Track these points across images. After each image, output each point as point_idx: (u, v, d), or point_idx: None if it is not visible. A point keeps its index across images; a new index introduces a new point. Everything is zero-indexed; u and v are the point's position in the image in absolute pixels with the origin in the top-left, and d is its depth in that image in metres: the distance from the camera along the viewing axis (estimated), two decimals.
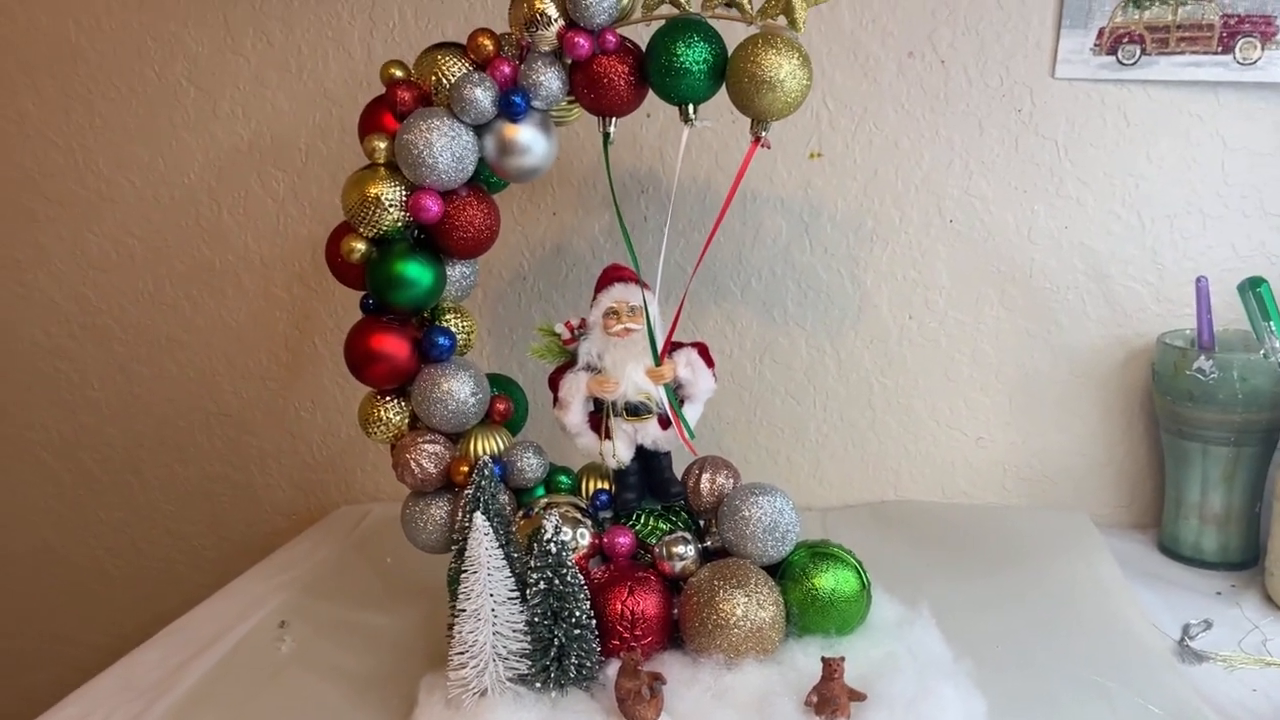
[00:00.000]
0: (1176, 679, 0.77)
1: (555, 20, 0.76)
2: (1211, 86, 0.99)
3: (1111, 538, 1.03)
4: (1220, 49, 0.97)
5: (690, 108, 0.78)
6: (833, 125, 1.07)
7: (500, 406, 0.87)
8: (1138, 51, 0.98)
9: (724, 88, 0.77)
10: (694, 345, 0.83)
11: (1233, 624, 0.87)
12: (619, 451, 0.81)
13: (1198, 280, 0.95)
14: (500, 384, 0.90)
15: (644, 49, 0.78)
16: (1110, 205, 1.04)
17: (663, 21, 0.77)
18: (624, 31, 0.78)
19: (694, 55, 0.75)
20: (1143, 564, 0.99)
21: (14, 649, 1.42)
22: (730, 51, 0.76)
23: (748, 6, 0.75)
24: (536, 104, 0.78)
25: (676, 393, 0.82)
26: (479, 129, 0.79)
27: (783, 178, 1.09)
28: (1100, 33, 0.99)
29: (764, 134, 0.78)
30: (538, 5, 0.76)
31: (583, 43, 0.76)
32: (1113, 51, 0.99)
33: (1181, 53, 0.98)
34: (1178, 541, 1.00)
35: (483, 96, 0.77)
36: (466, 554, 0.71)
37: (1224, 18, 0.96)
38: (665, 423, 0.81)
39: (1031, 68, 1.02)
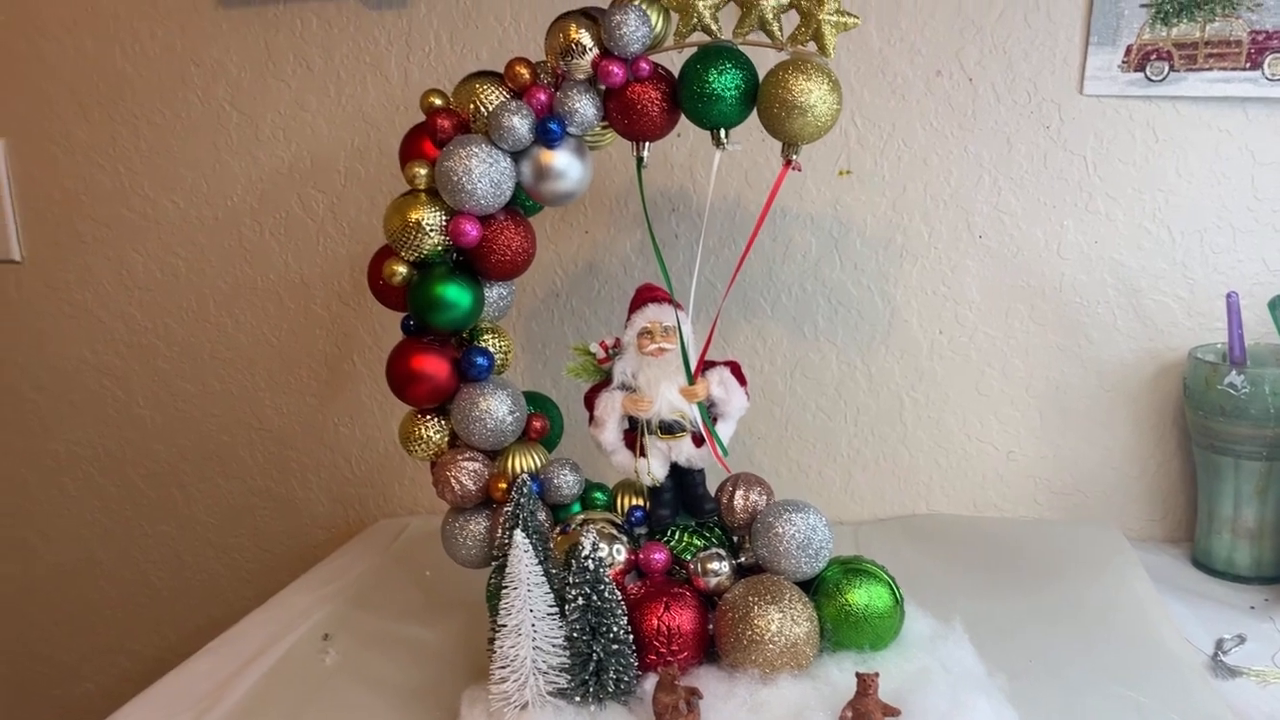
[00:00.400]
0: (1209, 694, 0.77)
1: (590, 49, 0.78)
2: (1240, 102, 0.99)
3: (1144, 551, 1.03)
4: (1249, 65, 0.97)
5: (722, 132, 0.80)
6: (861, 143, 1.08)
7: (537, 424, 0.89)
8: (1166, 68, 0.99)
9: (755, 112, 0.79)
10: (726, 364, 0.84)
11: (1266, 639, 0.87)
12: (654, 469, 0.83)
13: (1228, 295, 0.95)
14: (536, 402, 0.92)
15: (676, 75, 0.80)
16: (1140, 220, 1.04)
17: (695, 49, 0.79)
18: (656, 58, 0.80)
19: (726, 81, 0.77)
20: (1176, 578, 0.99)
21: (63, 660, 1.45)
22: (761, 77, 0.78)
23: (778, 33, 0.77)
24: (572, 130, 0.80)
25: (710, 411, 0.83)
26: (516, 155, 0.81)
27: (812, 195, 1.10)
28: (1128, 50, 1.00)
29: (795, 157, 0.79)
30: (573, 35, 0.78)
31: (617, 71, 0.78)
32: (1141, 68, 1.00)
33: (1210, 69, 0.98)
34: (1211, 555, 1.00)
35: (520, 124, 0.79)
36: (507, 571, 0.73)
37: (1252, 34, 0.97)
38: (699, 440, 0.83)
39: (1059, 84, 1.03)
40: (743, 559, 0.82)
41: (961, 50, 1.04)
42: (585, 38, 0.78)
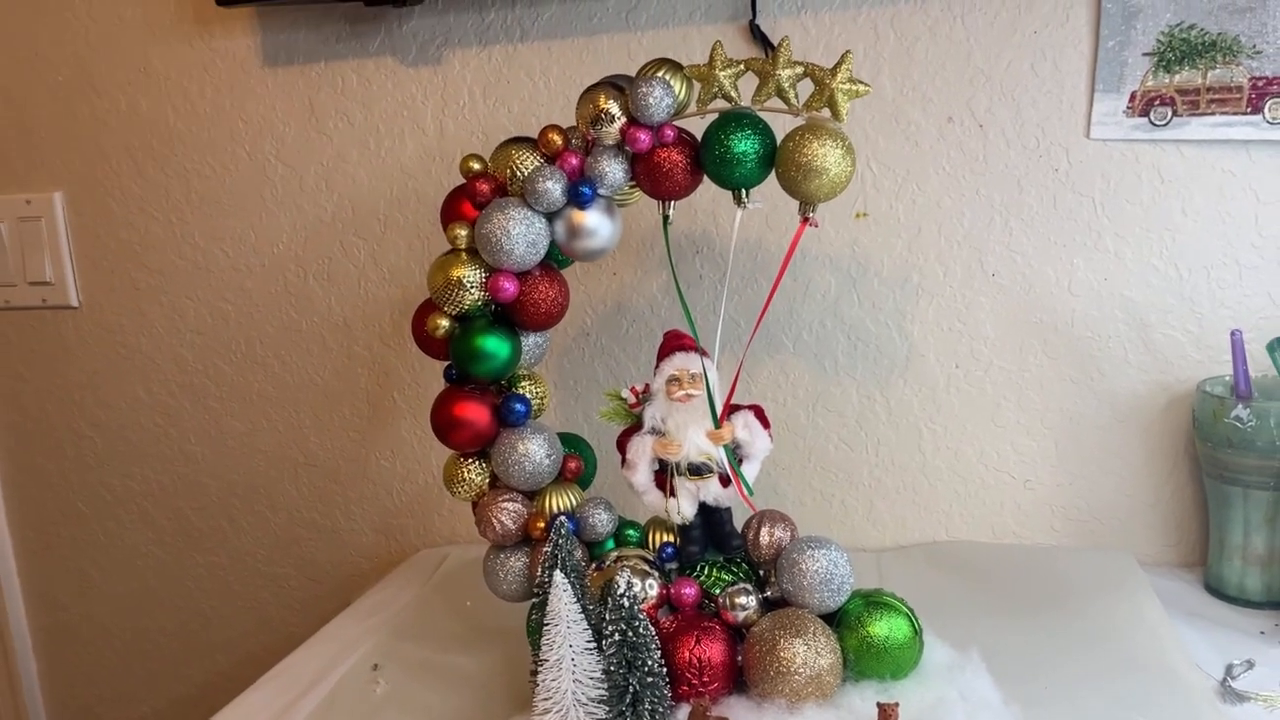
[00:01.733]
0: (1218, 719, 0.81)
1: (618, 117, 0.83)
2: (1243, 144, 1.03)
3: (1158, 577, 1.06)
4: (1250, 109, 1.01)
5: (743, 192, 0.85)
6: (877, 187, 1.13)
7: (572, 465, 0.94)
8: (1169, 113, 1.03)
9: (774, 173, 0.84)
10: (751, 408, 0.89)
11: (1275, 664, 0.90)
12: (683, 508, 0.87)
13: (1232, 334, 0.99)
14: (571, 443, 0.97)
15: (699, 139, 0.85)
16: (1148, 258, 1.08)
17: (716, 115, 0.84)
18: (680, 123, 0.85)
19: (745, 145, 0.82)
20: (1188, 603, 1.03)
21: (120, 685, 1.52)
22: (779, 141, 0.83)
23: (794, 100, 0.82)
24: (602, 192, 0.86)
25: (735, 452, 0.88)
26: (550, 215, 0.86)
27: (830, 237, 1.15)
28: (1133, 96, 1.04)
29: (811, 215, 0.84)
30: (602, 104, 0.83)
31: (643, 137, 0.83)
32: (1145, 113, 1.04)
33: (1212, 113, 1.02)
34: (1222, 581, 1.04)
35: (554, 188, 0.84)
36: (548, 608, 0.78)
37: (1252, 80, 1.00)
38: (725, 481, 0.87)
39: (1067, 130, 1.07)
40: (769, 593, 0.86)
41: (972, 98, 1.09)
42: (614, 107, 0.83)
